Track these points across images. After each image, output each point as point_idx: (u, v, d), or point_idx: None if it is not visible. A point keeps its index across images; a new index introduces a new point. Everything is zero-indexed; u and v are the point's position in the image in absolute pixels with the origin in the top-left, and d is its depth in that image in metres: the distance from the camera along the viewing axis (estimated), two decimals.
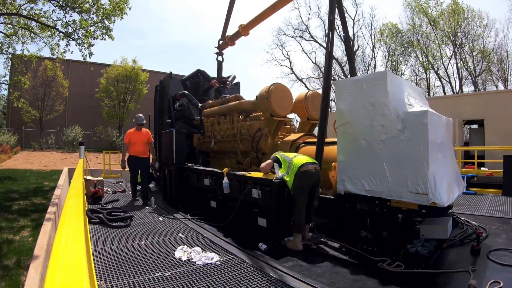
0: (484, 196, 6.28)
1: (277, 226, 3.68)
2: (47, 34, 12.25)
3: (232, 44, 7.36)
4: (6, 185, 10.09)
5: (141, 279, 2.69)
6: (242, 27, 6.77)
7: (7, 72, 18.32)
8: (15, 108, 21.89)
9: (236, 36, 7.08)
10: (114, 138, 24.82)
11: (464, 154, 11.05)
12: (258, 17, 6.34)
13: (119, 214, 4.90)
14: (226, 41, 7.33)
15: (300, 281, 2.64)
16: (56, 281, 1.11)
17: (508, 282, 2.52)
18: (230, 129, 5.60)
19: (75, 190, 3.60)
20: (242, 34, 6.91)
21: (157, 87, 8.47)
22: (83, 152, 10.28)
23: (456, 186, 3.68)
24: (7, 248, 5.15)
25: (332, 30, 3.97)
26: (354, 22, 31.59)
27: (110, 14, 11.55)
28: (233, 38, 7.18)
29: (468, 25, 27.49)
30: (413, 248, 3.17)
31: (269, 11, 5.99)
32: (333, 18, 4.03)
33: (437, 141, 3.20)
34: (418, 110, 3.16)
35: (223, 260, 3.16)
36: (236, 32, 7.00)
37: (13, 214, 6.93)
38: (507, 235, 3.65)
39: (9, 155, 17.84)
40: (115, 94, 26.71)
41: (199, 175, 5.46)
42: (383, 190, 3.23)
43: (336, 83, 3.97)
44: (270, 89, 4.71)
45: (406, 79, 16.11)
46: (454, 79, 29.35)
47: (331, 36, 3.93)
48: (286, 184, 3.68)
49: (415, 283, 2.63)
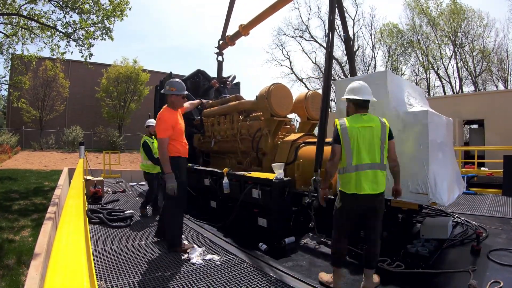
0: (484, 196, 6.28)
1: (277, 226, 3.67)
2: (47, 34, 12.27)
3: (232, 44, 7.36)
4: (6, 185, 10.09)
5: (141, 279, 2.69)
6: (242, 27, 6.78)
7: (7, 72, 18.37)
8: (15, 108, 21.87)
9: (236, 36, 7.08)
10: (114, 138, 24.80)
11: (464, 154, 11.05)
12: (258, 17, 6.34)
13: (119, 214, 4.91)
14: (226, 41, 7.33)
15: (300, 281, 2.65)
16: (56, 281, 1.12)
17: (508, 282, 2.52)
18: (230, 129, 5.60)
19: (75, 190, 3.60)
20: (242, 34, 6.91)
21: (157, 87, 8.48)
22: (83, 152, 10.30)
23: (456, 186, 3.67)
24: (7, 248, 5.15)
25: (332, 30, 3.96)
26: (354, 22, 31.61)
27: (110, 14, 11.55)
28: (233, 38, 7.18)
29: (468, 25, 27.50)
30: (413, 248, 3.17)
31: (269, 11, 5.99)
32: (333, 18, 4.01)
33: (437, 141, 3.20)
34: (418, 110, 3.16)
35: (223, 260, 3.16)
36: (236, 32, 7.00)
37: (13, 214, 6.93)
38: (507, 235, 3.65)
39: (9, 155, 17.85)
40: (116, 94, 26.70)
41: (199, 175, 5.46)
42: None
43: (336, 83, 3.97)
44: (270, 89, 4.71)
45: (406, 79, 16.12)
46: (454, 79, 29.40)
47: (331, 36, 3.91)
48: (286, 184, 3.68)
49: (415, 283, 2.63)
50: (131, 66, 27.42)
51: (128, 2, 11.85)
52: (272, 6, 5.84)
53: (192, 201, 5.80)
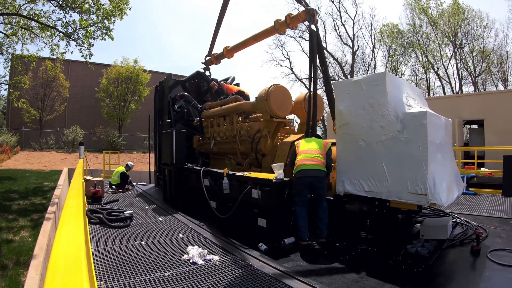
0: (484, 196, 6.28)
1: (277, 227, 3.68)
2: (47, 34, 12.26)
3: (217, 62, 7.37)
4: (6, 185, 10.09)
5: (141, 279, 2.70)
6: (226, 50, 6.83)
7: (7, 72, 18.37)
8: (15, 108, 21.87)
9: (220, 56, 7.12)
10: (114, 139, 24.79)
11: (464, 154, 11.06)
12: (241, 43, 6.44)
13: (119, 214, 4.91)
14: (211, 59, 7.35)
15: (300, 281, 2.65)
16: (56, 281, 1.12)
17: (508, 282, 2.52)
18: (230, 131, 5.60)
19: (75, 190, 3.60)
20: (226, 57, 6.95)
21: (157, 87, 8.48)
22: (83, 152, 10.29)
23: (456, 186, 3.68)
24: (6, 248, 5.15)
25: (315, 75, 4.46)
26: (354, 22, 31.63)
27: (110, 14, 11.55)
28: (218, 58, 7.22)
29: (468, 26, 27.52)
30: (413, 248, 3.18)
31: (251, 41, 6.14)
32: (314, 58, 4.47)
33: (436, 141, 3.21)
34: (417, 111, 3.17)
35: (223, 260, 3.16)
36: (221, 53, 7.05)
37: (13, 214, 6.93)
38: (507, 235, 3.65)
39: (9, 155, 17.84)
40: (116, 94, 26.69)
41: (199, 176, 5.45)
42: (383, 191, 3.24)
43: (336, 84, 3.98)
44: (269, 91, 4.72)
45: (406, 80, 16.13)
46: (454, 79, 29.40)
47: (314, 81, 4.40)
48: (285, 185, 3.68)
49: (415, 283, 2.64)
50: (132, 66, 27.42)
51: (128, 2, 11.86)
52: (253, 37, 6.03)
53: (192, 201, 5.80)
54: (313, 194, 3.63)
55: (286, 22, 5.09)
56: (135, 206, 6.11)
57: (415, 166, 3.00)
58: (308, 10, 4.68)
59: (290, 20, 5.04)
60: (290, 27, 5.18)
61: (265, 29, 5.70)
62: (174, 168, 6.05)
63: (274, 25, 5.31)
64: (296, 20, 4.98)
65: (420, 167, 2.96)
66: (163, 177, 7.13)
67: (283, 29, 5.31)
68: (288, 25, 5.13)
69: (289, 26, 5.17)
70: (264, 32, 5.75)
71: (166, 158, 6.54)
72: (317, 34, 4.67)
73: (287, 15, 5.10)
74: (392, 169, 3.17)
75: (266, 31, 5.69)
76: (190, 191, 5.90)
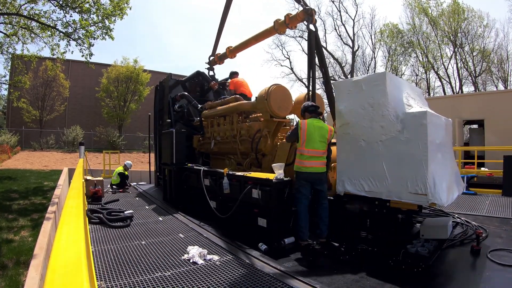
0: (484, 196, 6.28)
1: (277, 226, 3.68)
2: (47, 34, 12.25)
3: (221, 63, 7.41)
4: (6, 185, 10.09)
5: (141, 279, 2.70)
6: (229, 50, 6.87)
7: (7, 72, 18.35)
8: (15, 108, 21.88)
9: (223, 57, 7.16)
10: (114, 138, 24.79)
11: (464, 154, 11.05)
12: (243, 44, 6.47)
13: (119, 214, 4.91)
14: (215, 59, 7.38)
15: (300, 281, 2.65)
16: (56, 281, 1.12)
17: (508, 282, 2.52)
18: (230, 130, 5.60)
19: (75, 190, 3.60)
20: (229, 57, 6.99)
21: (157, 87, 8.48)
22: (83, 152, 10.29)
23: (456, 186, 3.68)
24: (6, 248, 5.15)
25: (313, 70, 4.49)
26: (354, 22, 31.61)
27: (110, 14, 11.54)
28: (222, 58, 7.26)
29: (468, 25, 27.49)
30: (413, 248, 3.18)
31: (252, 41, 6.18)
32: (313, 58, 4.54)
33: (436, 141, 3.21)
34: (417, 110, 3.17)
35: (223, 260, 3.16)
36: (224, 54, 7.08)
37: (13, 214, 6.93)
38: (507, 235, 3.65)
39: (9, 155, 17.84)
40: (116, 94, 26.69)
41: (199, 175, 5.45)
42: (383, 191, 3.24)
43: (336, 84, 3.98)
44: (269, 90, 4.71)
45: (406, 79, 16.14)
46: (454, 79, 29.38)
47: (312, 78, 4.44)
48: (286, 185, 3.68)
49: (415, 283, 2.64)
50: (132, 66, 27.41)
51: (128, 1, 11.86)
52: (254, 38, 6.07)
53: (192, 201, 5.80)
54: (314, 190, 3.64)
55: (285, 22, 5.10)
56: (135, 206, 6.11)
57: (415, 166, 3.00)
58: (307, 9, 4.68)
59: (289, 20, 5.05)
60: (289, 27, 5.19)
61: (265, 29, 5.70)
62: (174, 168, 6.05)
63: (274, 25, 5.31)
64: (295, 20, 4.99)
65: (420, 167, 2.96)
66: (163, 177, 7.13)
67: (283, 29, 5.32)
68: (287, 25, 5.13)
69: (288, 26, 5.17)
70: (264, 33, 5.76)
71: (166, 158, 6.55)
72: (316, 34, 4.66)
73: (286, 15, 5.11)
74: (392, 169, 3.17)
75: (266, 31, 5.70)
76: (190, 191, 5.90)
